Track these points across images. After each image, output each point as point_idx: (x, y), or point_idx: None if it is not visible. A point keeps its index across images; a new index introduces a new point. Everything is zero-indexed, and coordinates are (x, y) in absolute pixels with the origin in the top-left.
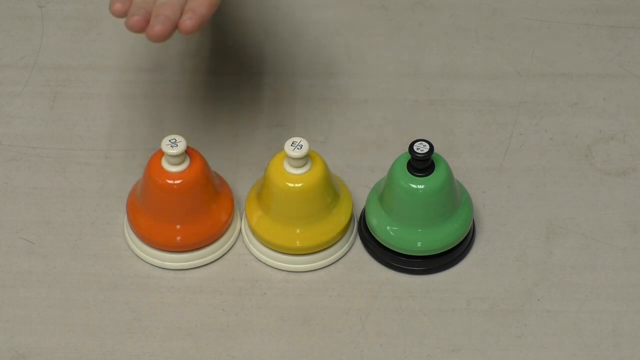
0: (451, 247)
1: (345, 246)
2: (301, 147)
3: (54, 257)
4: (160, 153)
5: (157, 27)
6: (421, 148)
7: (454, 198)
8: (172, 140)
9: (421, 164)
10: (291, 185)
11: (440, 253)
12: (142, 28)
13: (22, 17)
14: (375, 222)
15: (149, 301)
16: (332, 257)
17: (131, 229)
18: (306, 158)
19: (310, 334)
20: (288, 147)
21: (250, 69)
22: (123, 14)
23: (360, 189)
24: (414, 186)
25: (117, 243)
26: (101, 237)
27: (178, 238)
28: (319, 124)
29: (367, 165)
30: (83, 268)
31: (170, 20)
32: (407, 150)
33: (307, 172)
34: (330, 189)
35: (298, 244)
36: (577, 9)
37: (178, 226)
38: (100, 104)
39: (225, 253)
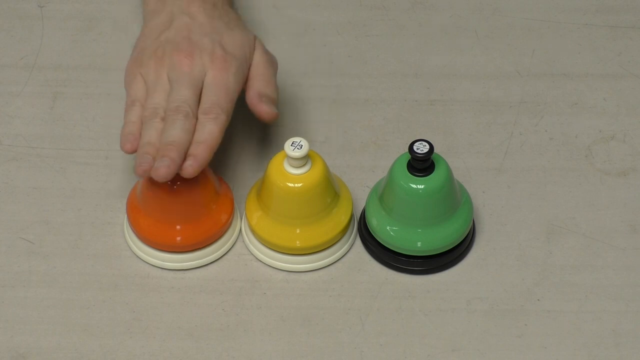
0: (451, 247)
1: (345, 246)
2: (301, 147)
3: (54, 257)
4: None
5: (161, 170)
6: (421, 148)
7: (454, 198)
8: None
9: (421, 164)
10: (291, 185)
11: (440, 253)
12: (147, 174)
13: (22, 17)
14: (375, 222)
15: (148, 301)
16: (332, 257)
17: (131, 229)
18: (306, 158)
19: (310, 334)
20: (288, 147)
21: None
22: (133, 153)
23: (360, 189)
24: (414, 186)
25: (117, 243)
26: (101, 237)
27: (178, 238)
28: (319, 124)
29: (367, 165)
30: (83, 268)
31: (175, 163)
32: (407, 150)
33: (307, 172)
34: (330, 189)
35: (298, 244)
36: (577, 9)
37: (178, 226)
38: (100, 104)
39: (225, 253)
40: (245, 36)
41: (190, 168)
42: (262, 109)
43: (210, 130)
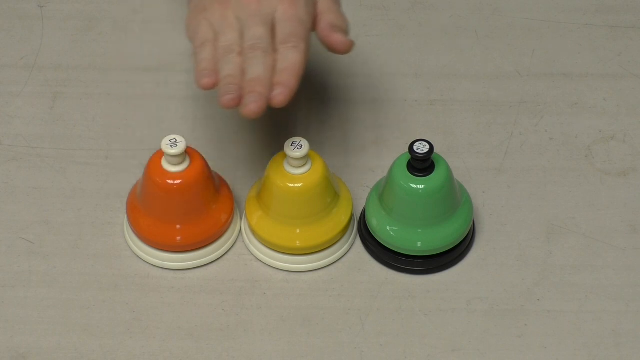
0: (451, 247)
1: (345, 246)
2: (301, 147)
3: (54, 257)
4: (160, 153)
5: (251, 105)
6: (421, 148)
7: (454, 198)
8: (172, 140)
9: (421, 164)
10: (291, 185)
11: (440, 253)
12: (236, 106)
13: (22, 17)
14: (375, 222)
15: (148, 301)
16: (332, 257)
17: (131, 229)
18: (306, 158)
19: (310, 334)
20: (288, 147)
21: None
22: (211, 88)
23: (360, 189)
24: (414, 186)
25: (117, 243)
26: (101, 237)
27: (178, 238)
28: (319, 124)
29: (367, 165)
30: (83, 268)
31: (263, 97)
32: (407, 150)
33: (307, 172)
34: (330, 189)
35: (298, 244)
36: (577, 9)
37: (178, 226)
38: (100, 104)
39: (225, 253)
40: None
41: (280, 96)
42: (337, 38)
43: (292, 58)
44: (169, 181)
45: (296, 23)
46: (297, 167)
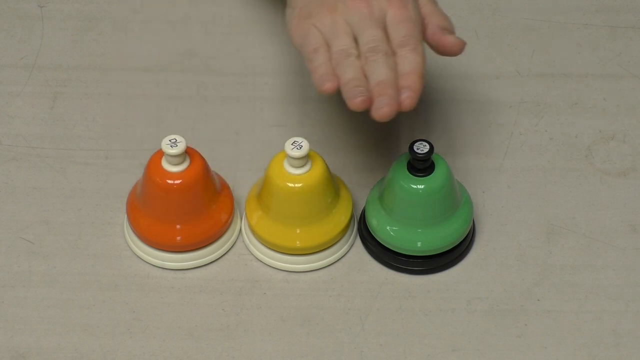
0: (451, 247)
1: (345, 246)
2: (301, 147)
3: (54, 257)
4: (160, 153)
5: (385, 108)
6: (421, 148)
7: (454, 198)
8: (172, 140)
9: (421, 164)
10: (291, 185)
11: (440, 253)
12: (366, 107)
13: (22, 17)
14: (375, 222)
15: (148, 301)
16: (332, 257)
17: (131, 229)
18: (306, 158)
19: (310, 334)
20: (288, 147)
21: (250, 69)
22: (333, 92)
23: (360, 189)
24: (414, 186)
25: (117, 243)
26: (101, 237)
27: (178, 238)
28: (319, 124)
29: (367, 165)
30: (83, 268)
31: (394, 100)
32: (407, 150)
33: (307, 172)
34: (330, 189)
35: (298, 244)
36: (577, 9)
37: (178, 226)
38: (100, 104)
39: (225, 253)
40: None
41: (408, 99)
42: (450, 40)
43: (414, 60)
44: (169, 181)
45: (410, 24)
46: (297, 167)
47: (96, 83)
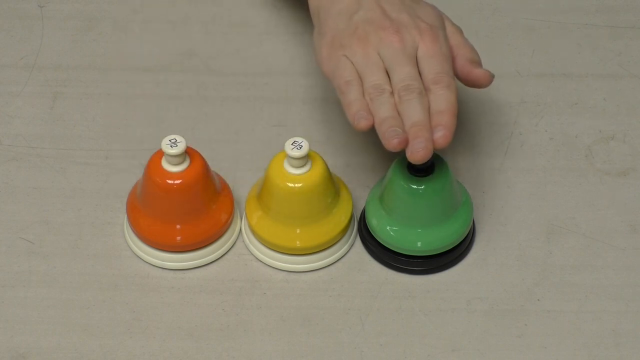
0: (451, 247)
1: (345, 246)
2: (301, 147)
3: (54, 257)
4: (160, 153)
5: (421, 152)
6: None
7: (454, 198)
8: (172, 140)
9: (421, 164)
10: (291, 185)
11: (440, 253)
12: (402, 148)
13: (22, 17)
14: (375, 222)
15: (148, 301)
16: (332, 257)
17: (131, 229)
18: (306, 158)
19: (310, 334)
20: (288, 147)
21: (250, 69)
22: (368, 129)
23: (360, 189)
24: (414, 186)
25: (117, 243)
26: (101, 237)
27: (178, 238)
28: (319, 124)
29: (367, 165)
30: (83, 268)
31: (430, 141)
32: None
33: (307, 172)
34: (330, 189)
35: (298, 244)
36: (577, 9)
37: (178, 226)
38: (100, 104)
39: (225, 253)
40: (434, 8)
41: (443, 138)
42: (480, 73)
43: (447, 98)
44: (169, 181)
45: (442, 59)
46: (297, 167)
47: (96, 83)
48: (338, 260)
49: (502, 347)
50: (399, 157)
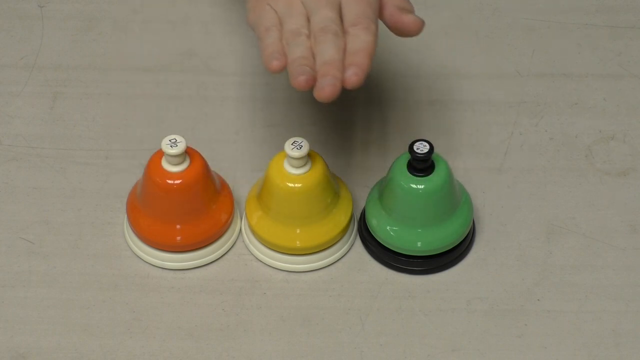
0: (451, 247)
1: (345, 246)
2: (301, 147)
3: (54, 257)
4: (160, 153)
5: (327, 89)
6: (421, 148)
7: (454, 198)
8: (172, 140)
9: (421, 164)
10: (291, 185)
11: (440, 253)
12: (309, 87)
13: (22, 17)
14: (375, 222)
15: (148, 301)
16: (332, 257)
17: (131, 229)
18: (306, 158)
19: (310, 334)
20: (288, 147)
21: (250, 69)
22: (280, 71)
23: (360, 189)
24: (414, 186)
25: (117, 243)
26: (101, 237)
27: (178, 238)
28: (319, 124)
29: (367, 165)
30: (83, 268)
31: (338, 80)
32: (407, 150)
33: (307, 172)
34: (330, 189)
35: (298, 244)
36: (577, 9)
37: (178, 226)
38: (100, 104)
39: (225, 253)
40: None
41: (354, 77)
42: (407, 19)
43: (364, 39)
44: (169, 181)
45: (364, 4)
46: (297, 167)
47: (96, 83)
48: (338, 260)
49: (502, 347)
50: (399, 157)
